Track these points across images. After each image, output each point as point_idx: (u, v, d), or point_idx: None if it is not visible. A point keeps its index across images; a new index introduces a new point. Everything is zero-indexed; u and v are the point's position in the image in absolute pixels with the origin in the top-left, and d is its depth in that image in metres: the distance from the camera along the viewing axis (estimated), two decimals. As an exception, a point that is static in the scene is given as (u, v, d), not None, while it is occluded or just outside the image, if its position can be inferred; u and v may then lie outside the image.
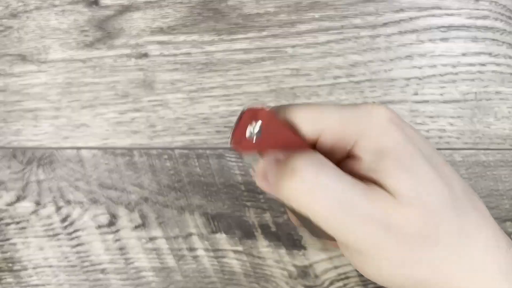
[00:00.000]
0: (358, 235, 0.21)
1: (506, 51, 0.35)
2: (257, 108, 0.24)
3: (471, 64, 0.35)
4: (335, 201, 0.21)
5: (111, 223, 0.37)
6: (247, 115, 0.24)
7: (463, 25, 0.35)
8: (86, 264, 0.37)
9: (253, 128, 0.24)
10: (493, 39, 0.35)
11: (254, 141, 0.24)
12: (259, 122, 0.24)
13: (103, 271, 0.37)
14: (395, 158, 0.21)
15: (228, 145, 0.24)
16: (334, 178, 0.21)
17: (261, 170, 0.23)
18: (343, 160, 0.23)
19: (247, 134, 0.24)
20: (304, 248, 0.36)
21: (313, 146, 0.23)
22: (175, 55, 0.36)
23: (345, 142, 0.22)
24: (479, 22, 0.35)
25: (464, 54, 0.35)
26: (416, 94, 0.35)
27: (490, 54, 0.35)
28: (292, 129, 0.23)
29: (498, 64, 0.35)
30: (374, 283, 0.35)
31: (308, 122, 0.22)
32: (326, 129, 0.22)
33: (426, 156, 0.22)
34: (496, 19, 0.35)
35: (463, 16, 0.35)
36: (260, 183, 0.23)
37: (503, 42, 0.35)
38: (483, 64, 0.35)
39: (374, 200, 0.21)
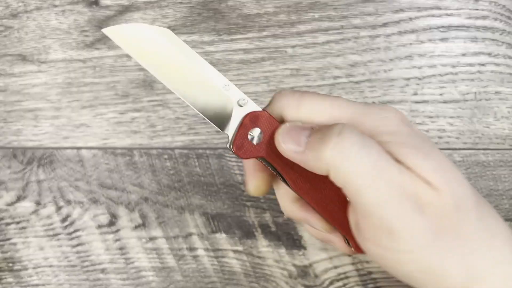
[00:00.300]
0: (395, 211, 0.20)
1: (505, 51, 0.35)
2: (258, 112, 0.24)
3: (470, 64, 0.35)
4: (379, 170, 0.20)
5: (111, 223, 0.37)
6: (248, 119, 0.24)
7: (463, 25, 0.35)
8: (86, 264, 0.37)
9: (254, 132, 0.24)
10: (493, 39, 0.35)
11: (255, 145, 0.24)
12: (260, 126, 0.24)
13: (103, 271, 0.37)
14: (415, 148, 0.21)
15: (227, 147, 0.24)
16: (378, 149, 0.21)
17: (288, 131, 0.22)
18: None
19: (249, 137, 0.24)
20: (304, 248, 0.36)
21: None
22: (175, 55, 0.36)
23: None
24: (479, 22, 0.35)
25: (463, 54, 0.35)
26: (415, 94, 0.35)
27: (489, 54, 0.35)
28: None
29: (497, 64, 0.35)
30: (374, 283, 0.35)
31: (321, 116, 0.23)
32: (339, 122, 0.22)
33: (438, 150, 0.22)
34: (495, 19, 0.35)
35: (462, 16, 0.35)
36: (285, 146, 0.22)
37: (503, 42, 0.35)
38: (482, 64, 0.35)
39: (412, 179, 0.21)
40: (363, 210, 0.21)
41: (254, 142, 0.24)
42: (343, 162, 0.21)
